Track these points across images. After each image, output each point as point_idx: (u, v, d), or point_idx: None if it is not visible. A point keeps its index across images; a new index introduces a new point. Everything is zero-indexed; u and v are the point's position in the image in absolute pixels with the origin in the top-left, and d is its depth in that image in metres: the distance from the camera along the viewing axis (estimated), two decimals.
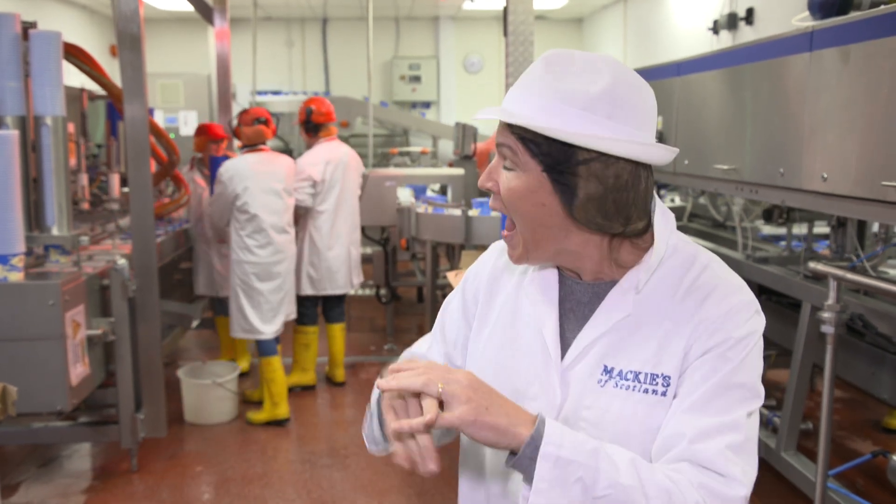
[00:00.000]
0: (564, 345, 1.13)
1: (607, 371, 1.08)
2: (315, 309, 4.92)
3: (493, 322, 1.23)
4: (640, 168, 1.05)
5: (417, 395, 0.98)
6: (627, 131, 1.02)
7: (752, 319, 1.07)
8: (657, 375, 1.05)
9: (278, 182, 4.38)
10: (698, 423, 1.01)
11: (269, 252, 4.34)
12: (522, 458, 0.96)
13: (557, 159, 1.03)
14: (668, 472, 0.99)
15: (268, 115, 4.50)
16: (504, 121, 1.06)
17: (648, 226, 1.10)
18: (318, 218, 4.78)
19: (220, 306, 5.17)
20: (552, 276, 1.17)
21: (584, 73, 1.03)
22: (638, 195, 1.05)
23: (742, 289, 1.09)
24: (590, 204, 1.04)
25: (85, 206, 4.24)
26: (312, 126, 4.81)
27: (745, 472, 1.00)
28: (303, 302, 4.80)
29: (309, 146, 4.87)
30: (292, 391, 4.81)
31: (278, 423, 4.38)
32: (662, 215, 1.12)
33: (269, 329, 4.37)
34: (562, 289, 1.16)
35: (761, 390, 1.06)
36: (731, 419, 1.02)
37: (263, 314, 4.36)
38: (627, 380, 1.06)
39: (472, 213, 4.75)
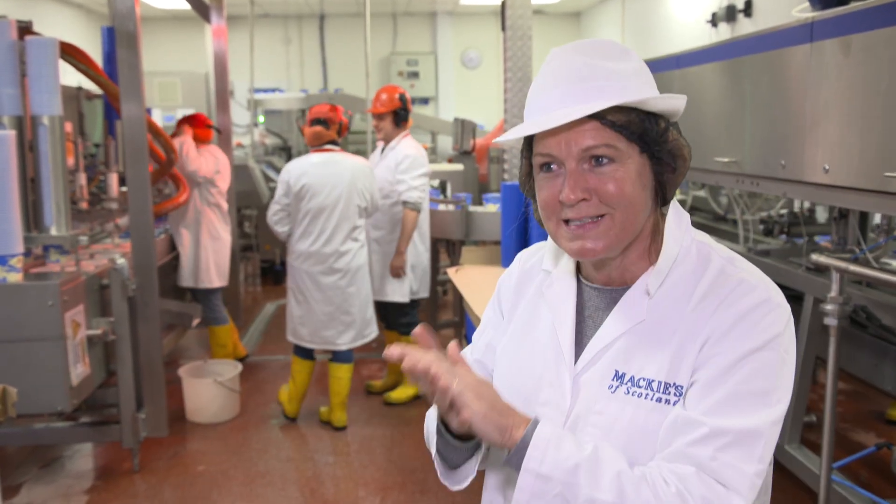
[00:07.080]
0: (581, 350, 1.12)
1: (618, 377, 1.05)
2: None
3: (514, 328, 1.23)
4: None
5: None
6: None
7: (768, 317, 1.00)
8: (671, 385, 1.02)
9: None
10: (719, 423, 0.96)
11: None
12: (511, 461, 1.00)
13: (652, 133, 1.05)
14: (658, 479, 0.96)
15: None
16: (608, 108, 1.01)
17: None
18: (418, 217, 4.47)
19: None
20: (571, 281, 1.17)
21: (616, 53, 1.06)
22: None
23: (758, 287, 1.03)
24: (681, 173, 1.09)
25: (83, 205, 4.22)
26: (405, 115, 4.42)
27: (751, 488, 0.96)
28: (405, 309, 4.66)
29: (387, 140, 4.45)
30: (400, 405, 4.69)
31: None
32: (677, 215, 1.11)
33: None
34: (581, 296, 1.16)
35: (783, 396, 1.00)
36: (752, 425, 0.97)
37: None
38: (640, 387, 1.03)
39: (473, 208, 4.74)
